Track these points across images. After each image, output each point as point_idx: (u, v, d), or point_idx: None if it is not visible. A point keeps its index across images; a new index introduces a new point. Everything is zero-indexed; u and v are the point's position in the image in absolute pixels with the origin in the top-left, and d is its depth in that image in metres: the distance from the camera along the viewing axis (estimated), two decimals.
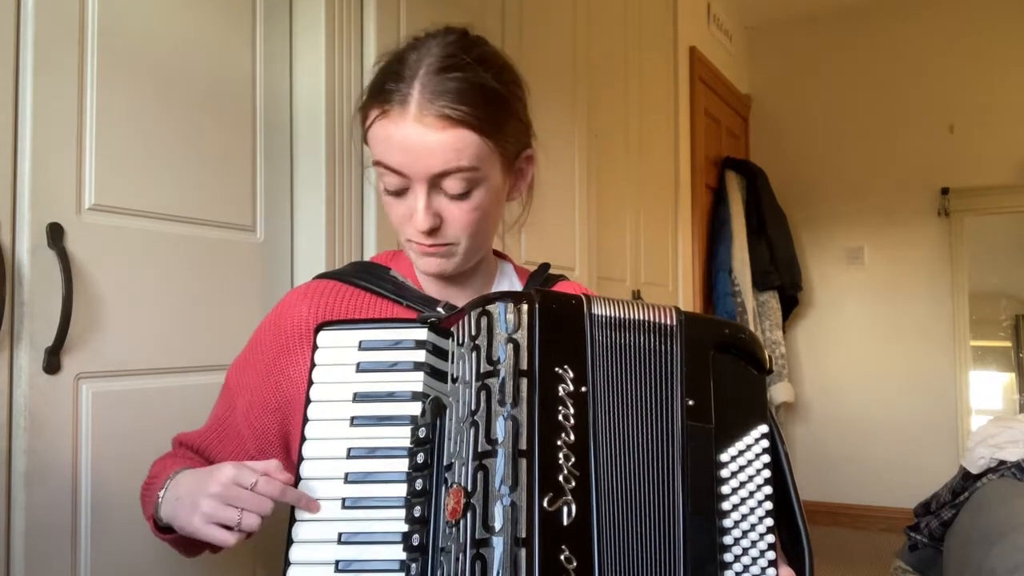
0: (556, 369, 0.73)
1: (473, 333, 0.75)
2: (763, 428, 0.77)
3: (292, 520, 0.75)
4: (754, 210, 3.94)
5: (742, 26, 4.49)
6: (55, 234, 1.07)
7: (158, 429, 1.23)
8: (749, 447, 0.76)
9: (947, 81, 4.12)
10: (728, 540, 0.73)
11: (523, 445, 0.70)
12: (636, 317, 0.77)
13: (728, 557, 0.73)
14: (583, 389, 0.73)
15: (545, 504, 0.68)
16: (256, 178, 1.43)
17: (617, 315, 0.77)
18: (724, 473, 0.75)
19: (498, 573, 0.66)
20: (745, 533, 0.74)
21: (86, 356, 1.12)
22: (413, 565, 0.71)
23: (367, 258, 1.55)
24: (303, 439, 0.77)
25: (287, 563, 0.74)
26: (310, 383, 0.79)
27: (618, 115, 2.84)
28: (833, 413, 4.31)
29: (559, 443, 0.71)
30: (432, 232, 0.86)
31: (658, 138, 3.23)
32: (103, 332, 1.15)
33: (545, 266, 1.03)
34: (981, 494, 2.36)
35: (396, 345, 0.78)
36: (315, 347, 0.80)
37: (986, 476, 2.45)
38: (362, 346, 0.79)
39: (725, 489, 0.75)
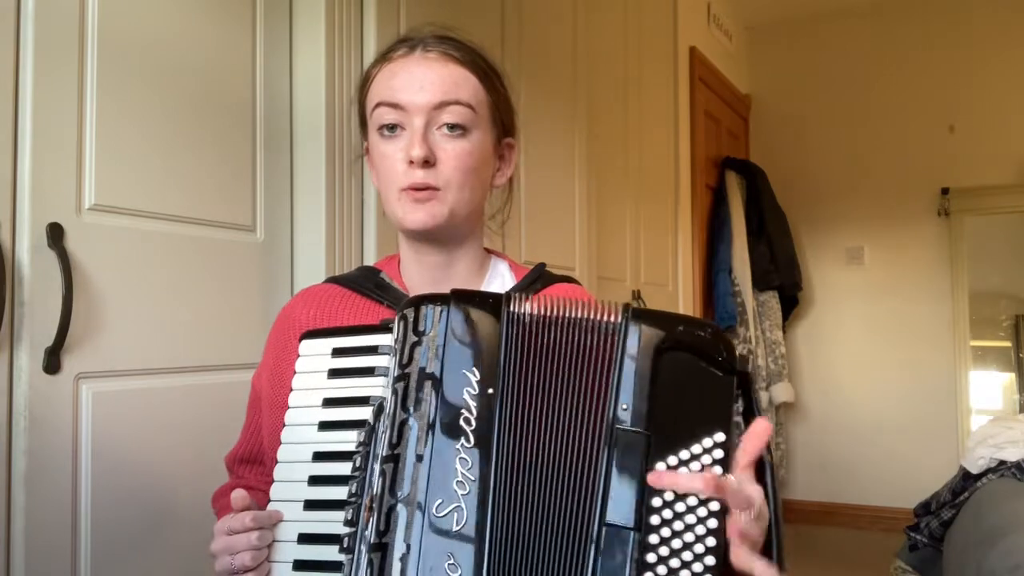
0: (463, 371, 0.71)
1: (396, 336, 0.75)
2: (719, 436, 0.68)
3: None
4: (754, 210, 3.94)
5: (742, 26, 4.49)
6: (55, 234, 1.07)
7: (158, 429, 1.23)
8: (696, 456, 0.68)
9: (947, 81, 4.12)
10: (652, 557, 0.65)
11: (419, 450, 0.69)
12: (570, 316, 0.73)
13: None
14: (490, 391, 0.70)
15: (434, 510, 0.67)
16: (256, 178, 1.43)
17: (544, 314, 0.73)
18: None
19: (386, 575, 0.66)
20: (676, 552, 0.66)
21: (86, 356, 1.12)
22: (346, 566, 0.71)
23: (366, 258, 1.56)
24: (280, 443, 0.79)
25: None
26: (291, 389, 0.81)
27: (618, 115, 2.84)
28: (833, 413, 4.31)
29: (457, 447, 0.69)
30: (425, 164, 0.86)
31: (658, 138, 3.23)
32: (103, 332, 1.15)
33: (540, 266, 1.02)
34: (981, 494, 2.36)
35: (363, 351, 0.79)
36: (298, 355, 0.82)
37: (986, 476, 2.45)
38: (334, 353, 0.80)
39: (656, 501, 0.66)
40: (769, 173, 4.08)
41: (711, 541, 0.66)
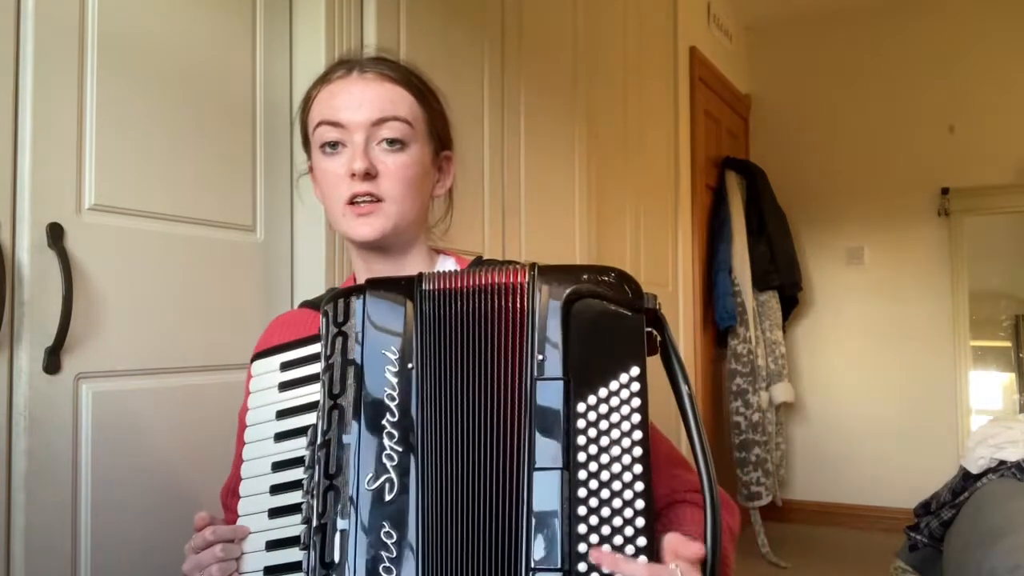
0: (383, 351, 0.75)
1: (322, 332, 0.79)
2: (634, 371, 0.72)
3: None
4: (754, 210, 3.94)
5: (742, 26, 4.49)
6: (55, 234, 1.07)
7: (158, 429, 1.23)
8: (613, 393, 0.71)
9: (947, 81, 4.12)
10: (582, 492, 0.69)
11: (347, 432, 0.73)
12: (478, 284, 0.77)
13: (582, 510, 0.68)
14: (409, 366, 0.75)
15: (366, 484, 0.71)
16: (256, 178, 1.43)
17: (453, 286, 0.77)
18: (580, 423, 0.71)
19: (327, 553, 0.70)
20: (604, 483, 0.69)
21: (86, 356, 1.12)
22: (304, 560, 0.73)
23: None
24: (243, 462, 0.83)
25: None
26: (247, 410, 0.84)
27: (618, 115, 2.84)
28: (833, 413, 4.31)
29: (383, 423, 0.73)
30: (367, 177, 0.89)
31: (658, 138, 3.23)
32: (103, 332, 1.15)
33: (478, 258, 1.04)
34: (981, 494, 2.36)
35: (308, 360, 0.81)
36: (249, 376, 0.86)
37: (986, 476, 2.45)
38: (282, 367, 0.83)
39: (581, 440, 0.70)
40: (769, 173, 4.08)
41: (638, 468, 0.69)
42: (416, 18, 1.67)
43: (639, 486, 0.69)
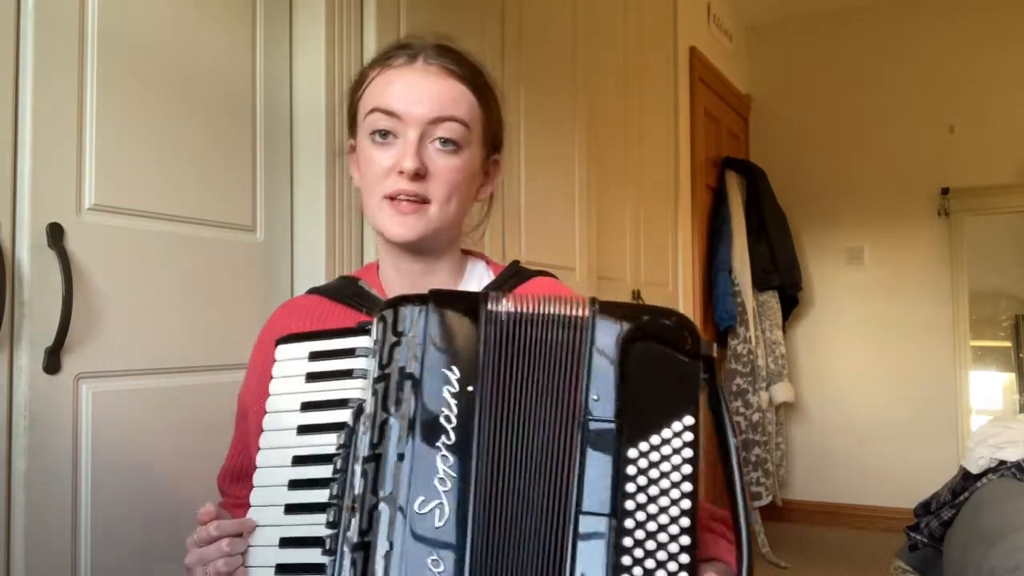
0: (442, 370, 0.72)
1: (375, 338, 0.75)
2: (688, 420, 0.70)
3: None
4: (754, 210, 3.94)
5: (742, 26, 4.49)
6: (55, 234, 1.07)
7: (158, 429, 1.23)
8: (666, 441, 0.70)
9: (947, 81, 4.12)
10: (628, 542, 0.68)
11: (400, 449, 0.70)
12: (542, 312, 0.74)
13: (626, 560, 0.67)
14: (469, 389, 0.72)
15: (416, 507, 0.68)
16: (256, 178, 1.43)
17: (519, 311, 0.74)
18: (631, 470, 0.69)
19: (369, 572, 0.67)
20: (652, 534, 0.68)
21: (86, 356, 1.12)
22: (329, 567, 0.71)
23: (366, 257, 1.55)
24: (258, 449, 0.79)
25: None
26: (268, 395, 0.81)
27: (618, 115, 2.84)
28: (833, 413, 4.31)
29: (438, 444, 0.70)
30: (416, 177, 0.86)
31: (658, 138, 3.23)
32: (103, 332, 1.15)
33: (515, 263, 1.02)
34: (981, 494, 2.36)
35: (341, 354, 0.79)
36: (274, 360, 0.82)
37: (986, 476, 2.45)
38: (311, 356, 0.80)
39: (630, 487, 0.69)
40: (769, 173, 4.08)
41: (685, 521, 0.68)
42: (416, 19, 1.67)
43: (685, 540, 0.68)
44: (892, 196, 4.22)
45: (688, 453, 0.70)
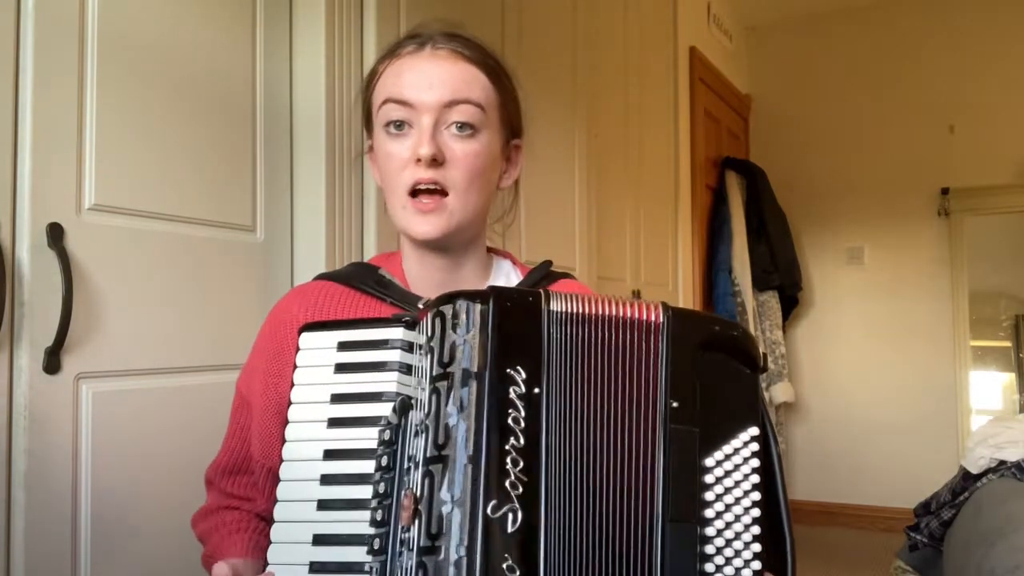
0: (508, 370, 0.70)
1: (429, 334, 0.73)
2: (753, 431, 0.72)
3: (271, 521, 0.75)
4: (754, 210, 3.94)
5: (742, 26, 4.49)
6: (55, 234, 1.07)
7: (158, 429, 1.23)
8: (737, 451, 0.71)
9: (947, 81, 4.12)
10: (710, 549, 0.69)
11: (469, 451, 0.68)
12: (609, 313, 0.73)
13: (709, 567, 0.68)
14: (536, 391, 0.70)
15: (488, 511, 0.66)
16: (256, 178, 1.43)
17: (583, 311, 0.72)
18: (708, 479, 0.70)
19: None
20: (729, 542, 0.69)
21: (86, 356, 1.12)
22: (375, 568, 0.70)
23: (366, 257, 1.55)
24: (284, 441, 0.77)
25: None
26: (292, 385, 0.78)
27: (618, 115, 2.84)
28: (833, 413, 4.31)
29: (507, 447, 0.68)
30: (433, 164, 0.84)
31: (658, 138, 3.23)
32: (103, 332, 1.15)
33: (547, 263, 1.00)
34: (981, 494, 2.36)
35: (373, 345, 0.76)
36: (297, 348, 0.79)
37: (986, 476, 2.45)
38: (341, 347, 0.78)
39: (709, 495, 0.70)
40: (769, 173, 4.08)
41: (756, 529, 0.70)
42: (416, 19, 1.67)
43: (756, 547, 0.70)
44: (892, 196, 4.22)
45: (755, 463, 0.71)
